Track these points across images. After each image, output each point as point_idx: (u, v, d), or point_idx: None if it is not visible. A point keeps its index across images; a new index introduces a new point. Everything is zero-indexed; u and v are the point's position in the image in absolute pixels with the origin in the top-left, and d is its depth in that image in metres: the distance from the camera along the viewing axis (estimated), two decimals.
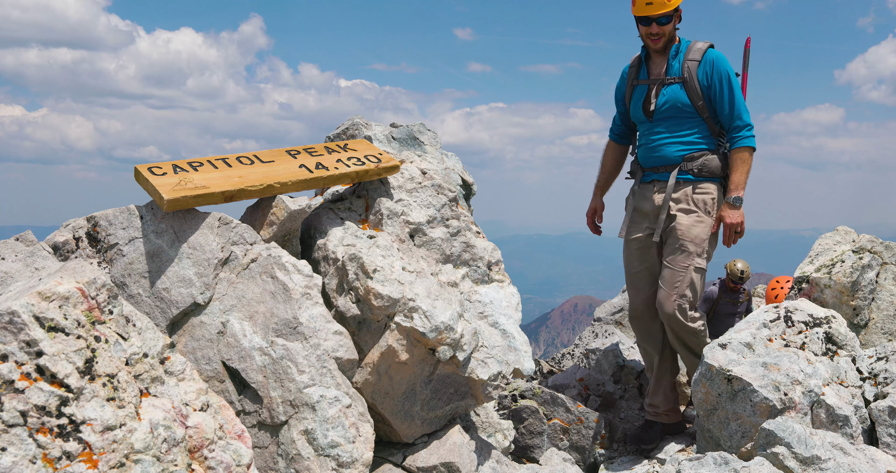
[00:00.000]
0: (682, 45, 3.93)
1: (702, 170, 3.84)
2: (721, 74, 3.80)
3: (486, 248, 3.18)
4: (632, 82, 4.04)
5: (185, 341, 2.42)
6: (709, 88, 3.81)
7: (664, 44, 3.88)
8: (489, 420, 3.73)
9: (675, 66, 3.88)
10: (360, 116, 3.61)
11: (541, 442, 4.01)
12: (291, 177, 2.72)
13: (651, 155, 3.94)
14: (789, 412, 3.07)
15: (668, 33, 3.85)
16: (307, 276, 2.54)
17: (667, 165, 3.90)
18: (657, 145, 3.91)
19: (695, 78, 3.82)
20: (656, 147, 3.91)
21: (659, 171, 3.93)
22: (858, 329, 4.36)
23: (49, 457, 1.71)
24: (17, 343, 1.75)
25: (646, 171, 4.01)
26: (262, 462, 2.36)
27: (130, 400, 1.89)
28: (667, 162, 3.90)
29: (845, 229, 4.92)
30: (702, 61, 3.84)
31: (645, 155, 4.00)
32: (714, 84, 3.80)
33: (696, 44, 3.90)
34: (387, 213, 2.93)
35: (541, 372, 6.57)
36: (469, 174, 3.87)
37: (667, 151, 3.89)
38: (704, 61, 3.83)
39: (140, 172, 2.53)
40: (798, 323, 3.47)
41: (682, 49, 3.92)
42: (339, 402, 2.38)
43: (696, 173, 3.85)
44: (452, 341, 2.68)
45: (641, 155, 4.04)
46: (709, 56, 3.84)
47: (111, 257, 2.44)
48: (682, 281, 3.76)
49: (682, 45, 3.93)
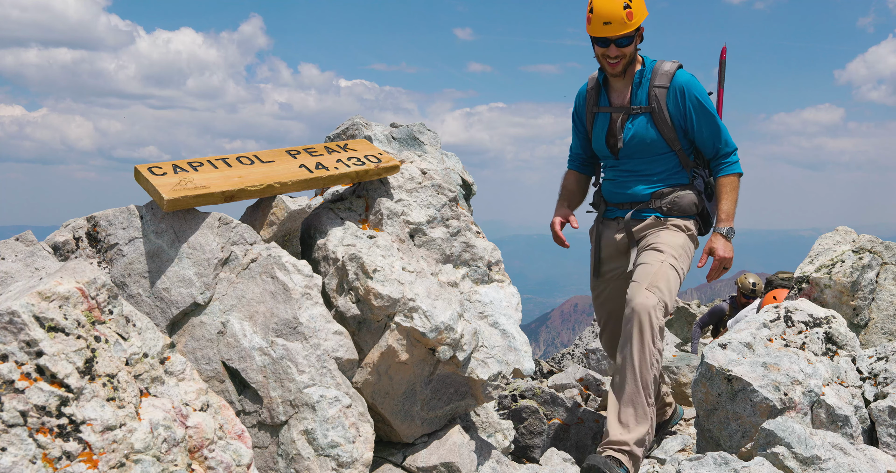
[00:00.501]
0: (646, 69, 3.46)
1: (672, 208, 3.47)
2: (693, 101, 3.39)
3: (486, 248, 3.18)
4: (591, 109, 3.58)
5: (185, 341, 2.42)
6: (683, 118, 3.42)
7: (623, 67, 3.41)
8: (489, 420, 3.73)
9: (641, 94, 3.43)
10: (360, 116, 3.61)
11: (541, 442, 4.01)
12: (291, 177, 2.72)
13: (616, 191, 3.58)
14: (789, 412, 3.07)
15: (628, 55, 3.38)
16: (307, 276, 2.54)
17: (633, 202, 3.54)
18: (624, 182, 3.55)
19: (664, 108, 3.40)
20: (623, 183, 3.55)
21: (624, 207, 3.57)
22: (858, 329, 4.36)
23: (49, 457, 1.71)
24: (17, 343, 1.75)
25: (609, 206, 3.64)
26: (262, 462, 2.36)
27: (130, 400, 1.89)
28: (634, 199, 3.53)
29: (845, 229, 4.92)
30: (670, 88, 3.39)
31: (610, 190, 3.64)
32: (688, 113, 3.40)
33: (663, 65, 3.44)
34: (387, 213, 2.93)
35: (541, 372, 6.57)
36: (469, 174, 3.87)
37: (635, 189, 3.52)
38: (673, 88, 3.39)
39: (140, 173, 2.53)
40: (798, 323, 3.47)
41: (646, 73, 3.45)
42: (339, 402, 2.38)
43: (665, 212, 3.48)
44: (452, 341, 2.68)
45: (606, 189, 3.67)
46: (677, 82, 3.39)
47: (111, 257, 2.44)
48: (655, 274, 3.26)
49: (646, 69, 3.46)
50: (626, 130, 3.45)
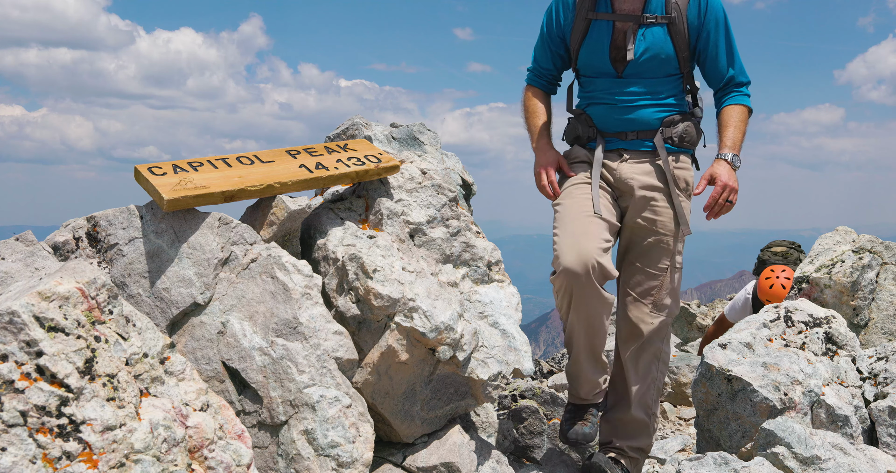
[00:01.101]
0: None
1: (682, 139, 2.96)
2: (717, 16, 2.91)
3: (486, 248, 3.18)
4: (585, 15, 2.92)
5: (185, 341, 2.42)
6: (699, 35, 2.91)
7: None
8: (489, 420, 3.73)
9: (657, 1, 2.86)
10: (360, 116, 3.61)
11: (541, 442, 4.01)
12: (291, 177, 2.72)
13: (620, 117, 2.94)
14: (789, 413, 3.07)
15: None
16: (307, 276, 2.54)
17: (640, 131, 2.94)
18: (630, 106, 2.92)
19: (684, 19, 2.87)
20: (629, 108, 2.92)
21: (627, 138, 2.96)
22: (858, 329, 4.36)
23: (49, 457, 1.71)
24: (17, 343, 1.75)
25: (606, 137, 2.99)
26: (262, 462, 2.36)
27: (130, 400, 1.89)
28: (640, 126, 2.93)
29: (845, 229, 4.93)
30: None
31: (606, 115, 2.97)
32: (708, 28, 2.91)
33: None
34: (387, 213, 2.93)
35: (541, 372, 6.57)
36: (469, 174, 3.87)
37: (644, 113, 2.92)
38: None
39: (140, 172, 2.53)
40: (798, 323, 3.47)
41: None
42: (339, 402, 2.38)
43: (677, 143, 2.96)
44: (452, 341, 2.68)
45: (600, 115, 2.99)
46: None
47: (111, 257, 2.44)
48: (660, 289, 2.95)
49: None
50: (638, 40, 2.86)
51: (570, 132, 3.12)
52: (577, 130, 3.06)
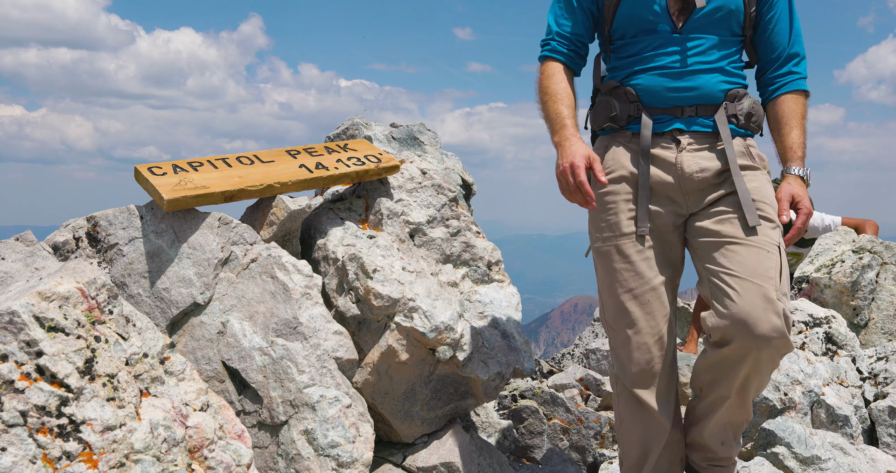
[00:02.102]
0: None
1: (750, 119, 2.27)
2: None
3: (486, 248, 3.18)
4: None
5: (185, 341, 2.42)
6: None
7: None
8: (489, 420, 3.73)
9: None
10: (360, 116, 3.61)
11: (541, 442, 4.01)
12: (291, 177, 2.72)
13: (676, 85, 2.22)
14: (789, 413, 3.07)
15: None
16: (307, 276, 2.54)
17: (700, 105, 2.23)
18: (691, 71, 2.22)
19: None
20: (689, 73, 2.22)
21: (684, 114, 2.24)
22: (858, 329, 4.36)
23: (49, 457, 1.71)
24: (17, 343, 1.75)
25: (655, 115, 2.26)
26: (262, 462, 2.36)
27: (130, 400, 1.89)
28: (705, 100, 2.23)
29: (845, 229, 4.93)
30: None
31: (659, 85, 2.23)
32: None
33: None
34: (387, 213, 2.93)
35: (541, 372, 6.57)
36: (469, 174, 3.87)
37: (708, 80, 2.23)
38: None
39: (140, 172, 2.54)
40: (798, 323, 3.47)
41: None
42: (339, 402, 2.38)
43: (743, 124, 2.26)
44: (452, 341, 2.68)
45: (649, 85, 2.25)
46: None
47: (111, 257, 2.44)
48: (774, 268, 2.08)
49: None
50: None
51: (601, 113, 2.36)
52: (611, 109, 2.31)
